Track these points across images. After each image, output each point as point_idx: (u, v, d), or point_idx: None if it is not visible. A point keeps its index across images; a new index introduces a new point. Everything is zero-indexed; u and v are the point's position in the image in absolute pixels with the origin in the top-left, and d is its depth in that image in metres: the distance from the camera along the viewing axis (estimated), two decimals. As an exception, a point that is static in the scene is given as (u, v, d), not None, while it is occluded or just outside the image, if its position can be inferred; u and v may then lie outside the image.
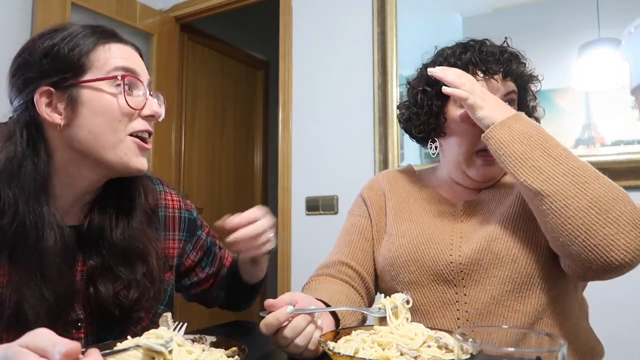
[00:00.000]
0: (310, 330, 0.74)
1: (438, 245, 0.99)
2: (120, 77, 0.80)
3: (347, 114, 2.45)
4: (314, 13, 2.60)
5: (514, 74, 1.02)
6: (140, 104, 0.83)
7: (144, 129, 0.84)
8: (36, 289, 0.76)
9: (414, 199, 1.11)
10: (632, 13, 1.78)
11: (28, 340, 0.52)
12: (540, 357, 0.43)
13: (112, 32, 0.85)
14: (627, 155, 1.79)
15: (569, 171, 0.82)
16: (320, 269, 1.10)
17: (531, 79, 1.07)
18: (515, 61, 1.02)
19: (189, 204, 1.09)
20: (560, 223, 0.81)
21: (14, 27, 2.35)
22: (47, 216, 0.78)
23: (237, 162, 3.80)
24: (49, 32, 0.83)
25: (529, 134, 0.87)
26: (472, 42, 1.04)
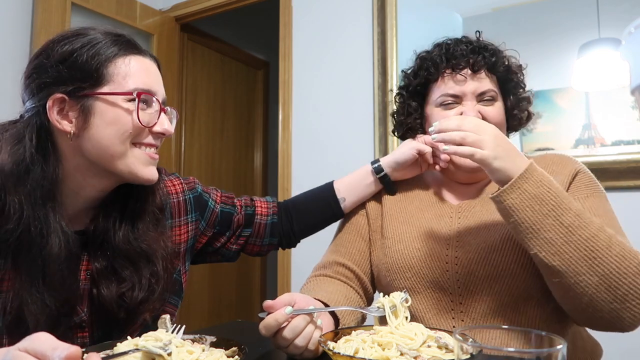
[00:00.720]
0: (310, 331, 0.74)
1: (434, 252, 0.97)
2: (137, 95, 0.81)
3: (347, 114, 2.45)
4: (314, 13, 2.60)
5: (485, 66, 1.01)
6: (152, 121, 0.83)
7: (151, 143, 0.85)
8: (38, 295, 0.75)
9: (411, 198, 1.10)
10: (632, 13, 1.78)
11: (27, 344, 0.52)
12: (540, 357, 0.43)
13: (134, 43, 0.86)
14: (627, 155, 1.79)
15: (581, 244, 0.78)
16: (317, 269, 1.10)
17: (511, 68, 1.05)
18: (485, 52, 1.01)
19: (191, 181, 1.07)
20: (569, 296, 0.81)
21: (14, 27, 2.35)
22: (53, 223, 0.77)
23: (237, 162, 3.80)
24: (70, 36, 0.81)
25: (542, 198, 0.80)
26: (446, 41, 1.06)
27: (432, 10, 2.24)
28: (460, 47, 1.02)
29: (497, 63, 1.02)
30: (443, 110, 1.03)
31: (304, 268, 2.51)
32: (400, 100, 1.13)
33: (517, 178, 0.81)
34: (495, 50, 1.03)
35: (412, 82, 1.09)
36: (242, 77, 3.89)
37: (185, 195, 1.03)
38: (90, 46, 0.80)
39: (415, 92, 1.10)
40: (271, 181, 4.00)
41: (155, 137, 0.85)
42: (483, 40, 1.05)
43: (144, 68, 0.84)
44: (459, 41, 1.04)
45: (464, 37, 1.06)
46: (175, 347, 0.62)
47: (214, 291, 3.46)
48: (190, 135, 3.34)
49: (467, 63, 1.00)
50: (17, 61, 2.34)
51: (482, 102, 1.01)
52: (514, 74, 1.05)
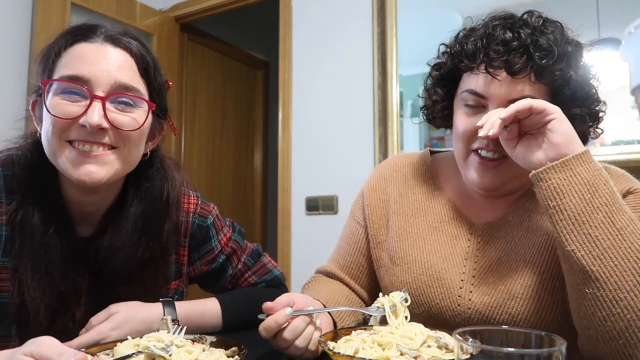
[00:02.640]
0: (310, 331, 0.74)
1: (446, 289, 0.87)
2: (41, 83, 0.76)
3: (347, 114, 2.45)
4: (314, 13, 2.60)
5: (530, 70, 0.77)
6: (75, 113, 0.74)
7: (78, 138, 0.75)
8: (40, 284, 0.76)
9: (423, 213, 0.96)
10: (632, 13, 1.78)
11: (33, 348, 0.51)
12: (540, 357, 0.43)
13: (82, 29, 0.79)
14: (627, 155, 1.79)
15: (632, 253, 0.64)
16: (318, 271, 1.09)
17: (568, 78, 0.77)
18: (537, 52, 0.77)
19: (207, 210, 0.99)
20: (599, 317, 0.66)
21: (14, 27, 2.35)
22: (54, 217, 0.79)
23: (237, 162, 3.80)
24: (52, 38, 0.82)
25: (596, 187, 0.68)
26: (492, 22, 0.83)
27: (432, 10, 2.24)
28: (505, 36, 0.78)
29: (548, 67, 0.77)
30: (465, 113, 0.84)
31: (304, 268, 2.51)
32: (430, 82, 0.94)
33: (571, 157, 0.69)
34: (551, 51, 0.77)
35: (444, 66, 0.90)
36: (242, 77, 3.89)
37: (194, 217, 0.96)
38: (52, 44, 0.80)
39: (446, 77, 0.91)
40: (271, 181, 4.00)
41: (85, 130, 0.75)
42: (541, 31, 0.81)
43: (80, 54, 0.77)
44: (509, 27, 0.80)
45: (521, 20, 0.82)
46: (176, 348, 0.62)
47: (214, 291, 3.46)
48: (190, 135, 3.34)
49: (504, 63, 0.77)
50: (17, 61, 2.34)
51: None
52: (572, 83, 0.79)
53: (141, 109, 0.80)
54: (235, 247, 1.02)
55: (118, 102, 0.78)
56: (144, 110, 0.81)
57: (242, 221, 4.00)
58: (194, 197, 0.99)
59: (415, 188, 1.00)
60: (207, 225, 0.98)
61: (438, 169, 1.01)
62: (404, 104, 2.32)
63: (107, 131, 0.76)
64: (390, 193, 1.01)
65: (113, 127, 0.76)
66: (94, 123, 0.73)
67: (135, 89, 0.79)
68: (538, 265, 0.82)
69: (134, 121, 0.79)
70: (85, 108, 0.74)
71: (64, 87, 0.75)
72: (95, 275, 0.84)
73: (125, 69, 0.78)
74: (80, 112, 0.74)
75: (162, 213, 0.88)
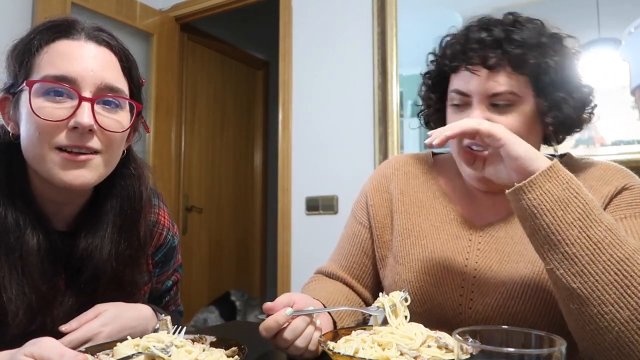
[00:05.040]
0: (310, 332, 0.74)
1: (447, 289, 0.88)
2: (27, 84, 0.71)
3: (347, 114, 2.45)
4: (314, 13, 2.60)
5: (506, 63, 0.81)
6: (63, 115, 0.71)
7: (68, 144, 0.72)
8: (18, 285, 0.73)
9: (425, 212, 0.97)
10: (632, 13, 1.78)
11: (34, 349, 0.51)
12: (540, 357, 0.43)
13: (62, 25, 0.75)
14: (627, 155, 1.79)
15: (611, 265, 0.64)
16: (319, 271, 1.09)
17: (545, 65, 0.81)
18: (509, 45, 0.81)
19: (175, 229, 1.00)
20: (589, 330, 0.66)
21: (13, 27, 2.35)
22: (28, 216, 0.75)
23: (237, 162, 3.80)
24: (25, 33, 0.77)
25: (567, 203, 0.66)
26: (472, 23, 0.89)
27: (432, 10, 2.24)
28: (480, 35, 0.84)
29: (522, 58, 0.81)
30: (453, 112, 0.88)
31: (304, 268, 2.51)
32: (424, 89, 0.98)
33: (538, 174, 0.67)
34: (524, 41, 0.82)
35: (432, 72, 0.95)
36: (242, 77, 3.89)
37: (168, 234, 0.96)
38: (25, 39, 0.75)
39: (436, 83, 0.95)
40: (271, 181, 4.00)
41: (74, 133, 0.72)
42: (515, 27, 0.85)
43: (63, 52, 0.73)
44: (484, 27, 0.86)
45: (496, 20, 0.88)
46: (175, 348, 0.62)
47: (214, 291, 3.46)
48: (190, 135, 3.34)
49: (481, 58, 0.82)
50: (17, 61, 2.34)
51: (495, 109, 0.83)
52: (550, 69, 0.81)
53: (124, 110, 0.79)
54: (179, 277, 1.03)
55: (104, 102, 0.75)
56: (126, 111, 0.79)
57: (242, 221, 4.03)
58: (167, 213, 0.98)
59: (417, 187, 1.00)
60: (175, 246, 0.99)
61: (440, 170, 1.02)
62: (404, 104, 2.32)
63: (94, 134, 0.74)
64: (393, 191, 1.01)
65: (101, 129, 0.74)
66: (86, 124, 0.71)
67: (120, 90, 0.77)
68: (537, 265, 0.83)
69: (119, 123, 0.77)
70: (73, 110, 0.71)
71: (48, 88, 0.71)
72: (73, 273, 0.81)
73: (110, 69, 0.76)
74: (68, 114, 0.71)
75: (137, 210, 0.86)
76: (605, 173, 0.86)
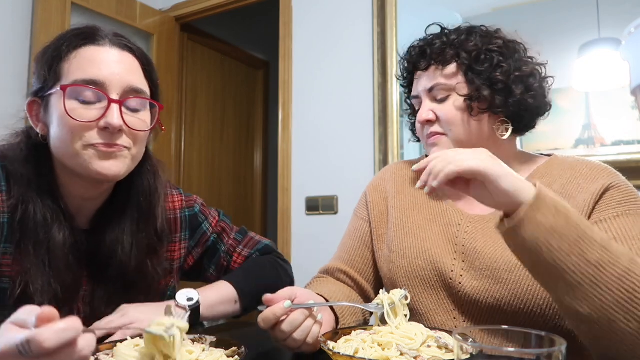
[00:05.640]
0: (309, 325, 0.74)
1: (439, 273, 0.93)
2: (61, 88, 0.77)
3: (347, 114, 2.45)
4: (314, 13, 2.60)
5: (433, 60, 0.96)
6: (94, 116, 0.78)
7: (99, 142, 0.79)
8: (44, 277, 0.78)
9: (419, 207, 1.03)
10: (632, 13, 1.78)
11: (13, 316, 0.53)
12: (540, 357, 0.43)
13: (88, 33, 0.81)
14: (627, 155, 1.79)
15: (613, 284, 0.64)
16: (321, 272, 1.10)
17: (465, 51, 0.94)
18: (432, 47, 0.97)
19: (192, 199, 1.06)
20: (604, 345, 0.67)
21: (13, 27, 2.35)
22: (55, 213, 0.81)
23: (237, 162, 3.80)
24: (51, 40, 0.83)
25: (560, 231, 0.64)
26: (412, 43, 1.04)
27: (432, 10, 2.24)
28: (414, 50, 1.01)
29: (442, 54, 0.96)
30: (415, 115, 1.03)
31: (304, 268, 2.51)
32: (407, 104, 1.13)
33: (528, 209, 0.64)
34: (440, 43, 0.97)
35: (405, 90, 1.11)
36: (242, 77, 3.89)
37: (181, 212, 1.03)
38: (51, 46, 0.81)
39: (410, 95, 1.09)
40: (271, 181, 4.00)
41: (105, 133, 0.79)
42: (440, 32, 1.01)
43: (91, 58, 0.79)
44: (415, 44, 1.03)
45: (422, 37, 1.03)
46: (178, 330, 0.61)
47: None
48: (190, 135, 3.34)
49: (413, 65, 1.01)
50: (17, 61, 2.34)
51: (437, 101, 0.97)
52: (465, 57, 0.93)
53: (147, 110, 0.86)
54: (224, 225, 1.08)
55: (129, 104, 0.82)
56: (148, 111, 0.86)
57: (242, 221, 4.02)
58: (177, 194, 1.05)
59: (411, 186, 1.08)
60: (196, 213, 1.05)
61: None
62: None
63: (123, 133, 0.81)
64: (389, 191, 1.09)
65: (129, 128, 0.81)
66: (116, 124, 0.78)
67: (143, 91, 0.84)
68: None
69: (144, 122, 0.84)
70: (104, 111, 0.78)
71: (80, 91, 0.77)
72: (97, 268, 0.86)
73: (134, 72, 0.83)
74: (99, 115, 0.78)
75: (153, 204, 0.92)
76: (592, 171, 0.90)
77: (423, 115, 0.97)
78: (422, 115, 0.97)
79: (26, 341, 0.47)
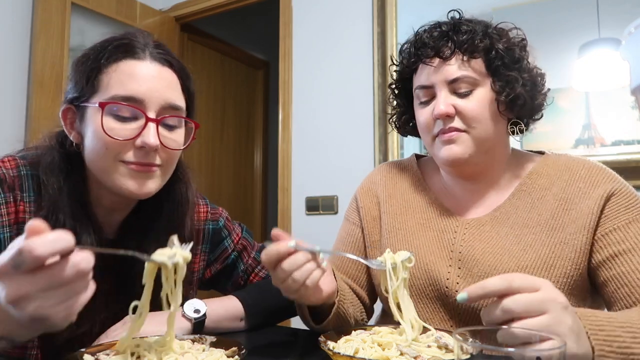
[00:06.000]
0: (310, 267, 0.72)
1: (434, 281, 0.91)
2: (99, 105, 0.76)
3: (347, 114, 2.45)
4: (314, 13, 2.60)
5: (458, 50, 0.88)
6: (131, 134, 0.77)
7: (135, 160, 0.78)
8: None
9: (412, 211, 1.00)
10: (632, 13, 1.78)
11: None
12: (540, 357, 0.43)
13: (128, 45, 0.80)
14: (627, 155, 1.79)
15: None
16: None
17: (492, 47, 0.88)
18: (458, 35, 0.89)
19: (217, 213, 1.05)
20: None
21: (13, 27, 2.35)
22: (84, 223, 0.79)
23: (237, 162, 3.80)
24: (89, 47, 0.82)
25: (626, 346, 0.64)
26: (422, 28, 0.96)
27: (432, 10, 2.24)
28: (430, 32, 0.92)
29: (472, 43, 0.88)
30: (421, 106, 0.94)
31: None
32: (392, 97, 1.06)
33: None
34: (471, 30, 0.90)
35: (396, 80, 1.03)
36: (242, 77, 3.89)
37: (205, 224, 1.01)
38: (90, 55, 0.80)
39: (401, 88, 1.02)
40: (271, 181, 4.00)
41: (140, 151, 0.78)
42: (460, 20, 0.93)
43: (130, 72, 0.78)
44: (433, 27, 0.94)
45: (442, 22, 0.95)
46: (181, 259, 0.61)
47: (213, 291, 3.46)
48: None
49: (434, 50, 0.90)
50: (17, 61, 2.34)
51: (457, 95, 0.89)
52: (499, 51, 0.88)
53: (182, 126, 0.85)
54: (246, 243, 1.06)
55: (165, 122, 0.80)
56: (183, 127, 0.85)
57: (242, 221, 3.99)
58: (204, 204, 1.03)
59: (403, 190, 1.04)
60: (220, 227, 1.03)
61: (424, 170, 1.06)
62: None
63: (158, 151, 0.80)
64: (380, 195, 1.06)
65: (163, 146, 0.80)
66: (152, 144, 0.77)
67: (180, 108, 0.83)
68: (523, 261, 0.85)
69: (179, 141, 0.83)
70: (140, 129, 0.77)
71: (118, 107, 0.77)
72: (122, 277, 0.83)
73: (173, 88, 0.82)
74: (135, 134, 0.77)
75: (183, 213, 0.91)
76: (590, 173, 0.89)
77: (442, 109, 0.87)
78: (440, 109, 0.87)
79: (18, 252, 0.46)
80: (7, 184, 0.78)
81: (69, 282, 0.49)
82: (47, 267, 0.48)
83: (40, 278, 0.48)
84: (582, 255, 0.84)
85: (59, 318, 0.51)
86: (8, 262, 0.47)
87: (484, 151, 0.90)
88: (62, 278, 0.49)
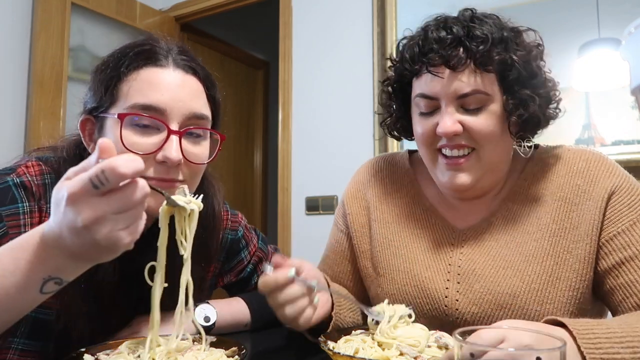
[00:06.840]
0: (302, 305, 0.73)
1: (432, 300, 0.85)
2: (118, 116, 0.70)
3: (347, 114, 2.45)
4: (314, 13, 2.60)
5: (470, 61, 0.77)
6: (151, 148, 0.70)
7: (155, 176, 0.71)
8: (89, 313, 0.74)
9: (404, 219, 0.93)
10: (632, 13, 1.78)
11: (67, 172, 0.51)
12: (540, 357, 0.43)
13: (150, 52, 0.75)
14: (627, 155, 1.79)
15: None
16: None
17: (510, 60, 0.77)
18: (472, 42, 0.77)
19: (236, 221, 1.00)
20: None
21: (13, 27, 2.35)
22: None
23: (237, 162, 3.80)
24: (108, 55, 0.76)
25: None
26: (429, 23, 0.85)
27: (432, 10, 2.24)
28: (439, 35, 0.79)
29: (487, 54, 0.76)
30: (421, 117, 0.84)
31: (304, 268, 2.51)
32: (385, 96, 0.93)
33: None
34: (486, 37, 0.77)
35: (392, 78, 0.90)
36: (242, 77, 3.89)
37: (225, 232, 0.97)
38: (110, 62, 0.75)
39: (397, 89, 0.91)
40: (271, 181, 4.00)
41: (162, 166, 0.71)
42: (474, 24, 0.80)
43: (152, 80, 0.72)
44: (442, 26, 0.81)
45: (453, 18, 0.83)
46: (196, 206, 0.61)
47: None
48: (190, 135, 3.34)
49: (443, 58, 0.77)
50: (17, 61, 2.34)
51: (465, 110, 0.79)
52: (515, 64, 0.77)
53: (207, 137, 0.79)
54: (262, 255, 1.03)
55: (189, 133, 0.75)
56: (208, 138, 0.80)
57: (242, 221, 4.01)
58: (224, 212, 0.98)
59: (394, 193, 0.97)
60: (238, 238, 0.99)
61: (417, 171, 0.98)
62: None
63: (180, 166, 0.74)
64: (370, 199, 0.98)
65: (186, 161, 0.74)
66: (174, 159, 0.71)
67: (205, 117, 0.77)
68: (527, 274, 0.80)
69: (203, 154, 0.78)
70: (161, 143, 0.71)
71: (138, 117, 0.71)
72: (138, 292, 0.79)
73: (198, 97, 0.76)
74: (156, 147, 0.71)
75: (210, 227, 0.87)
76: (588, 167, 0.83)
77: (449, 127, 0.77)
78: (447, 127, 0.77)
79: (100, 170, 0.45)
80: (32, 192, 0.72)
81: (137, 204, 0.49)
82: (120, 189, 0.47)
83: (115, 200, 0.47)
84: (587, 265, 0.80)
85: (125, 243, 0.50)
86: (87, 182, 0.46)
87: (490, 170, 0.84)
88: (133, 200, 0.48)
